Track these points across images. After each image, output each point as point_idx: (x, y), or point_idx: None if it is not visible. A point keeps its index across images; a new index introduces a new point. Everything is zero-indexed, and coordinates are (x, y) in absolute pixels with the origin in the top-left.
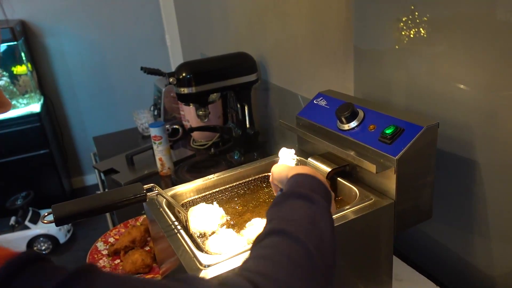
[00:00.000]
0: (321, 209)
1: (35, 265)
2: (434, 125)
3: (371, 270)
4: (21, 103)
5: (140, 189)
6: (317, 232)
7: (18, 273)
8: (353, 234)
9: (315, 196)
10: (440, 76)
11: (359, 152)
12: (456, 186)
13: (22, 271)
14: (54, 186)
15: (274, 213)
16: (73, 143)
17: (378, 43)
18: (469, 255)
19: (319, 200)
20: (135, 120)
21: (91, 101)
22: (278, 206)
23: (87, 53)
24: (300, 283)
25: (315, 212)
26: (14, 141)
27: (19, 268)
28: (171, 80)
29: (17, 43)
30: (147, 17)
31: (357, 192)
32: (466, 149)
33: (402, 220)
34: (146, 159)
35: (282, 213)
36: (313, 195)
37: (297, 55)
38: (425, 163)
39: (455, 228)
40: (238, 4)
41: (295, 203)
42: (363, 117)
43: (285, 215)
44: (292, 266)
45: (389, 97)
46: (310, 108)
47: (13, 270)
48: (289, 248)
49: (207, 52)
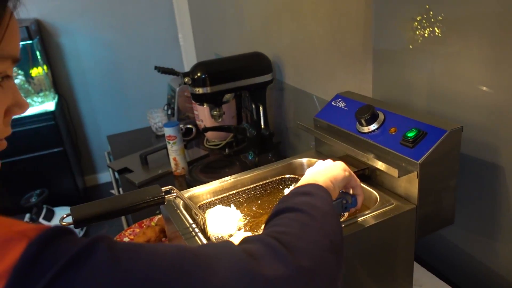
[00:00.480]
0: (321, 199)
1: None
2: (458, 128)
3: (391, 275)
4: (35, 102)
5: (158, 192)
6: (318, 208)
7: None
8: (373, 239)
9: (315, 191)
10: (462, 78)
11: (379, 155)
12: (479, 191)
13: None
14: (68, 184)
15: (279, 204)
16: (87, 141)
17: (398, 43)
18: (492, 261)
19: (318, 193)
20: (149, 119)
21: (105, 100)
22: (282, 201)
23: (101, 52)
24: (312, 236)
25: (315, 200)
26: (28, 139)
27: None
28: (186, 80)
29: (32, 42)
30: (161, 17)
31: (378, 196)
32: (490, 153)
33: (424, 226)
34: (160, 159)
35: (287, 202)
36: (312, 191)
37: (314, 56)
38: (448, 167)
39: (478, 234)
40: (253, 4)
41: (297, 197)
42: (383, 120)
43: (289, 202)
44: (303, 225)
45: (409, 99)
46: (328, 109)
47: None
48: (296, 216)
49: (221, 52)
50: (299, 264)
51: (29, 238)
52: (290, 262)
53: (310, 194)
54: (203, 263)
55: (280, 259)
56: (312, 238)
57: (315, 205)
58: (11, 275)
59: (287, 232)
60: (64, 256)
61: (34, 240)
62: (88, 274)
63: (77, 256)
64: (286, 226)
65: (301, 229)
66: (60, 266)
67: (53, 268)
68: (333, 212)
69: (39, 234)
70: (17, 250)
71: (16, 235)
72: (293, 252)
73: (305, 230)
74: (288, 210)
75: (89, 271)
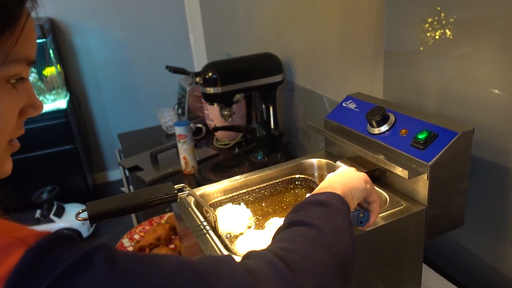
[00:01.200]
0: (336, 211)
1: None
2: (469, 131)
3: (399, 276)
4: (48, 99)
5: (171, 189)
6: (332, 223)
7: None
8: (382, 240)
9: (330, 201)
10: (473, 80)
11: (389, 156)
12: (490, 194)
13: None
14: (78, 181)
15: (292, 215)
16: (97, 139)
17: (409, 45)
18: (501, 265)
19: (334, 203)
20: (159, 118)
21: (116, 99)
22: (296, 211)
23: (112, 51)
24: (319, 255)
25: (330, 212)
26: (40, 136)
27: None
28: (198, 79)
29: (46, 40)
30: (172, 16)
31: (387, 197)
32: (501, 156)
33: (433, 227)
34: (170, 157)
35: (300, 214)
36: (328, 200)
37: (325, 57)
38: (458, 169)
39: (487, 237)
40: (265, 5)
41: (311, 208)
42: (394, 121)
43: (302, 214)
44: (311, 241)
45: (420, 101)
46: (339, 110)
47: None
48: (306, 230)
49: (232, 52)
50: (301, 286)
51: (28, 245)
52: (292, 284)
53: (325, 204)
54: (202, 279)
55: (282, 280)
56: (319, 258)
57: (329, 218)
58: (7, 282)
59: (293, 250)
60: (62, 265)
61: (33, 247)
62: (85, 284)
63: (75, 265)
64: (294, 243)
65: (308, 247)
66: (57, 275)
67: (50, 276)
68: (347, 226)
69: (39, 241)
70: (15, 256)
71: (16, 241)
72: (297, 273)
73: (312, 249)
74: (298, 223)
75: (86, 281)
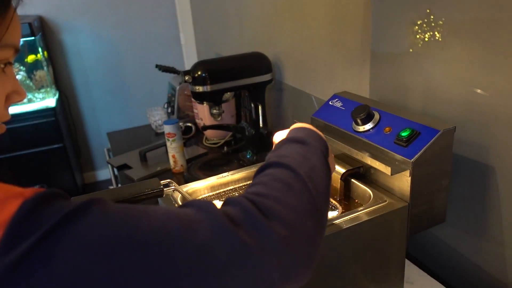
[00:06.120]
0: (313, 149)
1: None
2: (450, 129)
3: (382, 272)
4: (37, 98)
5: (157, 184)
6: (308, 163)
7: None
8: (366, 236)
9: (309, 139)
10: (456, 80)
11: (374, 154)
12: (471, 191)
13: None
14: (67, 180)
15: (272, 154)
16: (86, 138)
17: (395, 46)
18: (482, 260)
19: (312, 142)
20: (149, 117)
21: (105, 97)
22: (275, 150)
23: (102, 49)
24: (292, 200)
25: (307, 151)
26: (29, 135)
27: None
28: (187, 78)
29: (35, 38)
30: (162, 16)
31: (371, 193)
32: (482, 154)
33: (416, 223)
34: (159, 156)
35: (278, 153)
36: (307, 139)
37: (313, 57)
38: (440, 166)
39: (468, 233)
40: (254, 4)
41: (289, 146)
42: (378, 119)
43: (280, 154)
44: (285, 186)
45: (405, 100)
46: (325, 109)
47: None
48: (281, 173)
49: (222, 52)
50: (276, 231)
51: (24, 197)
52: (267, 230)
53: (304, 142)
54: (186, 224)
55: (257, 226)
56: (293, 203)
57: (305, 157)
58: (8, 226)
59: (268, 195)
60: (59, 213)
61: (30, 199)
62: (81, 231)
63: (72, 213)
64: (268, 188)
65: (282, 192)
66: (56, 220)
67: (49, 221)
68: (322, 165)
69: (36, 193)
70: (14, 205)
71: (13, 194)
72: (271, 220)
73: (286, 194)
74: (275, 164)
75: (82, 228)
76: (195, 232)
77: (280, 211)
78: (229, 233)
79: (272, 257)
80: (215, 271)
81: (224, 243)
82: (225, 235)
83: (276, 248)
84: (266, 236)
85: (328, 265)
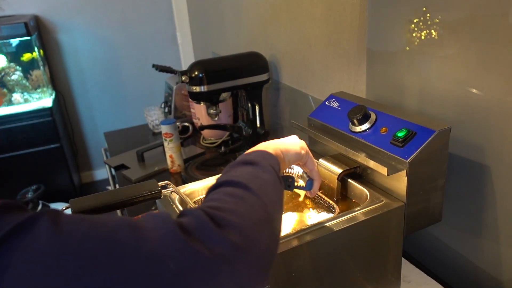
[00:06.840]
0: (263, 167)
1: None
2: (446, 129)
3: (379, 271)
4: (33, 98)
5: (155, 186)
6: (258, 180)
7: None
8: (363, 235)
9: (257, 159)
10: (453, 80)
11: (370, 154)
12: (467, 190)
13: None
14: (64, 180)
15: (221, 176)
16: (83, 138)
17: (391, 45)
18: (478, 258)
19: (261, 161)
20: (146, 117)
21: (102, 97)
22: (224, 173)
23: (99, 49)
24: (245, 209)
25: (257, 170)
26: (25, 135)
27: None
28: (184, 78)
29: (31, 38)
30: (159, 15)
31: (368, 193)
32: (477, 154)
33: (412, 223)
34: (157, 156)
35: (227, 174)
36: (255, 159)
37: (310, 56)
38: (436, 166)
39: (464, 232)
40: (251, 4)
41: (239, 168)
42: (375, 120)
43: (229, 174)
44: (237, 199)
45: (402, 100)
46: (322, 109)
47: None
48: (232, 190)
49: (219, 51)
50: (229, 239)
51: None
52: (220, 238)
53: (253, 163)
54: (136, 233)
55: (210, 235)
56: (245, 212)
57: (256, 175)
58: None
59: (220, 207)
60: (8, 225)
61: None
62: (29, 243)
63: (20, 227)
64: (220, 202)
65: (234, 204)
66: (4, 233)
67: None
68: (274, 179)
69: None
70: None
71: None
72: (224, 228)
73: (238, 205)
74: (225, 183)
75: (30, 241)
76: (145, 240)
77: (233, 220)
78: (180, 242)
79: (226, 265)
80: (166, 280)
81: (175, 252)
82: (176, 243)
83: (230, 256)
84: (219, 245)
85: (326, 265)
